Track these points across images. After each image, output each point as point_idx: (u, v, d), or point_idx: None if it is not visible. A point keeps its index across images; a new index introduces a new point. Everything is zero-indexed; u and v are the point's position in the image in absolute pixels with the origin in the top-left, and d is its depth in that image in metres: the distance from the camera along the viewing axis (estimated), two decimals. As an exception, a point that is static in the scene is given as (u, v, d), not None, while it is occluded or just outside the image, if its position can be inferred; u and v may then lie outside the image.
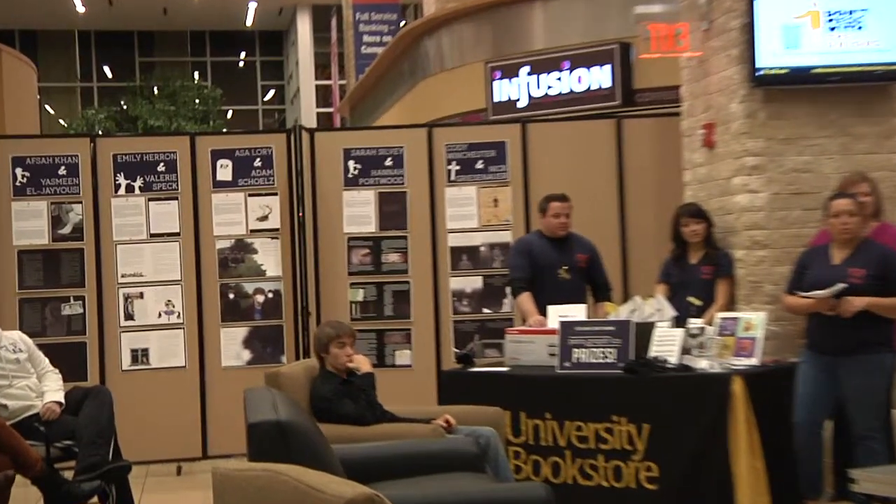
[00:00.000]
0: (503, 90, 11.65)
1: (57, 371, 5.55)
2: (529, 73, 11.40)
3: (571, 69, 11.00)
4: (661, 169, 6.83)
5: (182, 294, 6.71)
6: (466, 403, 4.83)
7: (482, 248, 6.93)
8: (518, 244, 6.28)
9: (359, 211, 6.93)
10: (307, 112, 30.81)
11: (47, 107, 30.25)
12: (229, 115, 32.47)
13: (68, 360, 6.11)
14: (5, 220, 6.56)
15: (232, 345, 6.75)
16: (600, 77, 10.79)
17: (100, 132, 24.57)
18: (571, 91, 11.01)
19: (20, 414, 5.29)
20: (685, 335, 4.90)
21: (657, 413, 4.73)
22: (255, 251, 6.80)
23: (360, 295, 6.91)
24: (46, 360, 5.60)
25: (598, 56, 10.81)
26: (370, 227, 6.94)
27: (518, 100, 11.52)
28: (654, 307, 5.21)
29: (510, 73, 11.58)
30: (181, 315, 6.70)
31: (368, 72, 18.67)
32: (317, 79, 31.57)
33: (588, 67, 10.88)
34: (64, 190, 6.66)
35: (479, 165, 6.96)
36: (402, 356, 6.88)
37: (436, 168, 6.95)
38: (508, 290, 6.46)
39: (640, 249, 6.80)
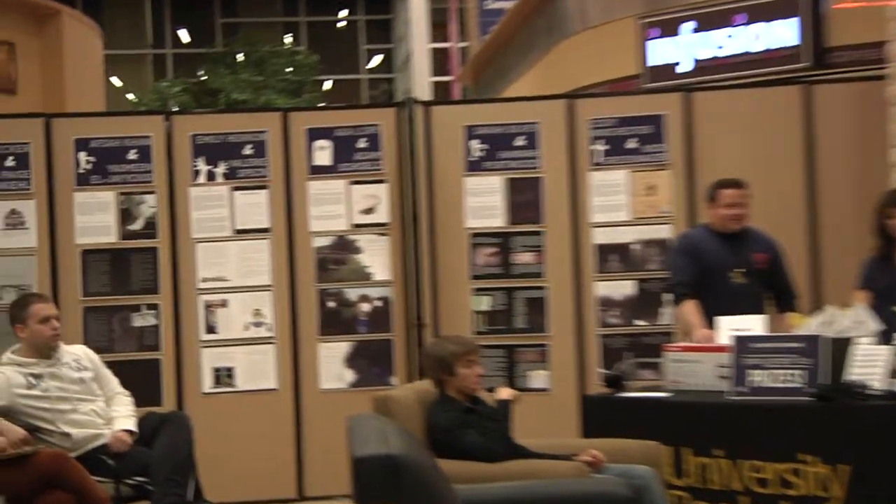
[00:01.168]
0: (661, 52, 11.54)
1: (128, 394, 5.73)
2: (694, 30, 11.27)
3: (747, 23, 10.82)
4: (860, 146, 6.67)
5: (273, 302, 6.85)
6: (616, 436, 4.81)
7: (634, 247, 6.89)
8: (681, 241, 6.22)
9: (484, 201, 6.96)
10: (420, 81, 31.07)
11: (113, 78, 31.20)
12: (327, 85, 32.95)
13: (140, 381, 6.30)
14: (66, 213, 6.80)
15: (332, 363, 6.86)
16: (784, 33, 10.59)
17: (175, 108, 25.21)
18: (747, 52, 10.83)
19: (85, 444, 5.48)
20: (893, 354, 4.79)
21: (858, 451, 4.63)
22: (360, 250, 6.90)
23: (485, 303, 6.94)
24: (116, 381, 5.78)
25: (780, 6, 10.61)
26: (497, 220, 6.97)
27: (679, 63, 11.39)
28: (852, 319, 5.10)
29: (669, 30, 11.47)
30: (272, 327, 6.84)
31: (495, 32, 18.72)
32: (432, 41, 31.79)
33: (768, 21, 10.69)
34: (134, 178, 6.86)
35: (631, 145, 6.92)
36: (537, 378, 6.89)
37: (577, 148, 6.93)
38: (668, 297, 6.40)
39: (834, 248, 6.65)
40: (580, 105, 7.04)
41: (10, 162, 6.74)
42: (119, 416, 5.61)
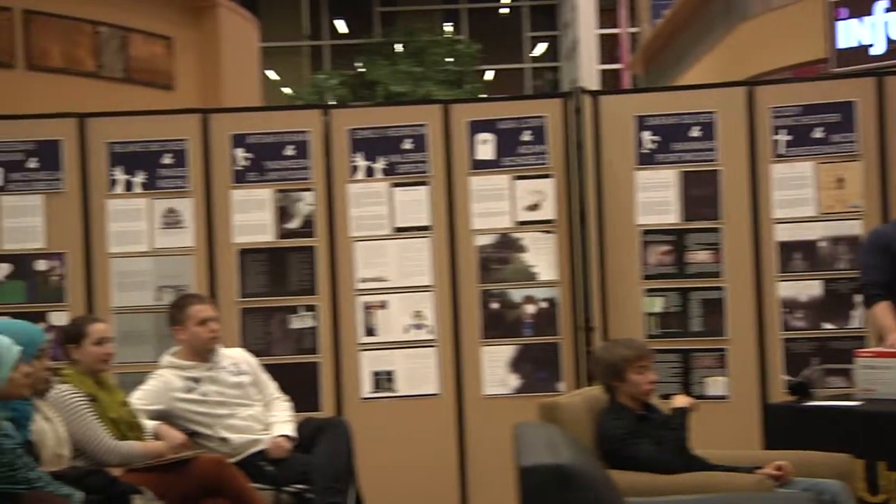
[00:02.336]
0: (851, 33, 11.26)
1: (286, 398, 5.86)
2: (888, 9, 10.96)
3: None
4: None
5: (434, 303, 6.91)
6: (802, 447, 4.73)
7: (822, 244, 6.74)
8: (873, 238, 6.06)
9: (656, 196, 6.90)
10: (588, 70, 30.94)
11: (269, 72, 31.86)
12: (488, 76, 33.07)
13: (298, 385, 6.43)
14: (223, 212, 6.96)
15: (495, 368, 6.89)
16: None
17: (332, 102, 25.58)
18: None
19: (243, 450, 5.62)
20: None
21: None
22: (525, 249, 6.91)
23: (657, 305, 6.88)
24: (274, 385, 5.92)
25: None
26: (671, 216, 6.89)
27: (872, 46, 11.09)
28: None
29: (861, 9, 11.18)
30: (433, 330, 6.90)
31: (668, 16, 18.54)
32: (600, 27, 31.62)
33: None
34: (292, 175, 7.00)
35: (818, 134, 6.77)
36: (715, 385, 6.79)
37: (758, 139, 6.81)
38: (859, 298, 6.24)
39: None
40: (761, 92, 6.91)
41: (167, 159, 6.95)
42: (278, 421, 5.73)
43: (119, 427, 5.30)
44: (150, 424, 5.48)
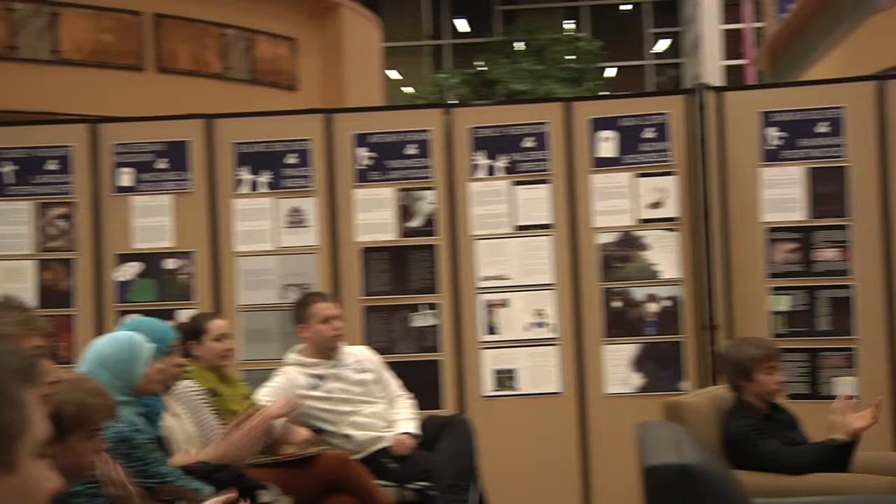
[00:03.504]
0: (984, 23, 10.94)
1: (409, 396, 5.89)
2: None
3: None
4: None
5: (555, 302, 6.89)
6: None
7: (955, 241, 6.56)
8: None
9: (782, 193, 6.79)
10: (711, 66, 30.59)
11: (391, 71, 32.09)
12: (609, 73, 32.88)
13: (420, 382, 6.47)
14: (346, 211, 7.04)
15: (618, 366, 6.85)
16: None
17: (453, 101, 25.66)
18: None
19: (367, 447, 5.67)
20: None
21: None
22: (647, 247, 6.86)
23: (783, 303, 6.77)
24: (397, 383, 5.96)
25: None
26: (797, 213, 6.78)
27: None
28: None
29: None
30: (555, 328, 6.89)
31: (794, 10, 18.23)
32: (724, 22, 31.23)
33: None
34: (414, 173, 7.04)
35: (951, 128, 6.59)
36: (844, 384, 6.66)
37: (889, 135, 6.66)
38: None
39: None
40: (892, 86, 6.76)
41: (291, 159, 7.04)
42: (401, 418, 5.77)
43: (241, 420, 5.38)
44: (277, 423, 5.55)
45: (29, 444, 1.50)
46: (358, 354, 6.01)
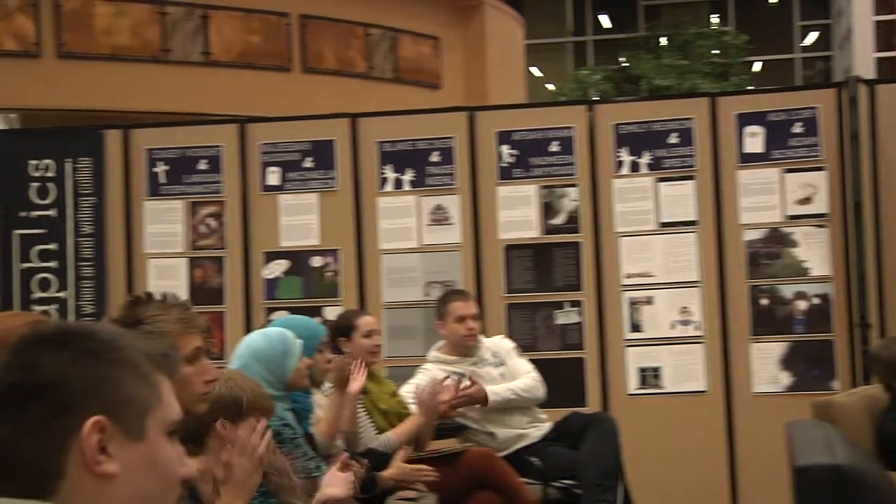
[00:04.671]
0: None
1: (535, 378, 5.84)
2: None
3: None
4: None
5: (701, 299, 6.81)
6: None
7: None
8: None
9: (937, 188, 6.60)
10: (863, 58, 29.85)
11: (533, 68, 32.02)
12: (756, 67, 32.35)
13: (564, 380, 6.46)
14: (489, 208, 7.04)
15: (766, 365, 6.73)
16: None
17: (596, 97, 25.54)
18: None
19: (510, 445, 5.67)
20: None
21: None
22: (796, 244, 6.73)
23: (939, 302, 6.58)
24: (529, 366, 5.92)
25: None
26: (954, 209, 6.58)
27: None
28: None
29: None
30: (700, 326, 6.80)
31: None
32: (877, 13, 30.46)
33: None
34: (557, 171, 7.01)
35: None
36: None
37: None
38: None
39: None
40: None
41: (435, 157, 7.08)
42: (509, 384, 5.74)
43: (389, 418, 5.43)
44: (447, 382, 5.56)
45: (160, 420, 1.58)
46: (494, 346, 6.01)
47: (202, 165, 7.20)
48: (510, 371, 5.91)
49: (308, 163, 7.15)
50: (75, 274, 7.15)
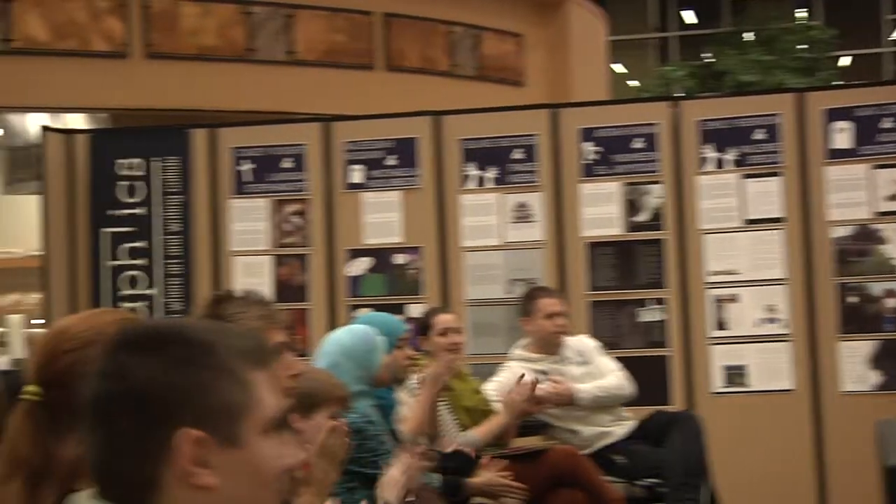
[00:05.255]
0: None
1: (622, 376, 5.81)
2: None
3: None
4: None
5: (787, 297, 6.72)
6: None
7: None
8: None
9: None
10: (953, 51, 29.28)
11: (616, 65, 31.83)
12: (843, 62, 31.87)
13: (648, 378, 6.40)
14: (572, 205, 7.00)
15: (854, 363, 6.63)
16: None
17: (680, 94, 25.33)
18: None
19: (594, 442, 5.65)
20: None
21: None
22: (885, 241, 6.63)
23: None
24: (615, 365, 5.89)
25: None
26: None
27: None
28: None
29: None
30: (786, 324, 6.72)
31: None
32: (966, 5, 29.87)
33: None
34: (640, 168, 6.97)
35: None
36: None
37: None
38: None
39: None
40: None
41: (517, 154, 7.06)
42: (597, 382, 5.71)
43: (472, 415, 5.44)
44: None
45: (256, 422, 1.55)
46: (578, 345, 5.99)
47: (286, 164, 7.25)
48: (596, 370, 5.89)
49: (391, 160, 7.17)
50: (163, 271, 7.25)
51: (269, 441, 1.56)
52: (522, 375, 5.45)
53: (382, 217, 7.15)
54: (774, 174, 6.79)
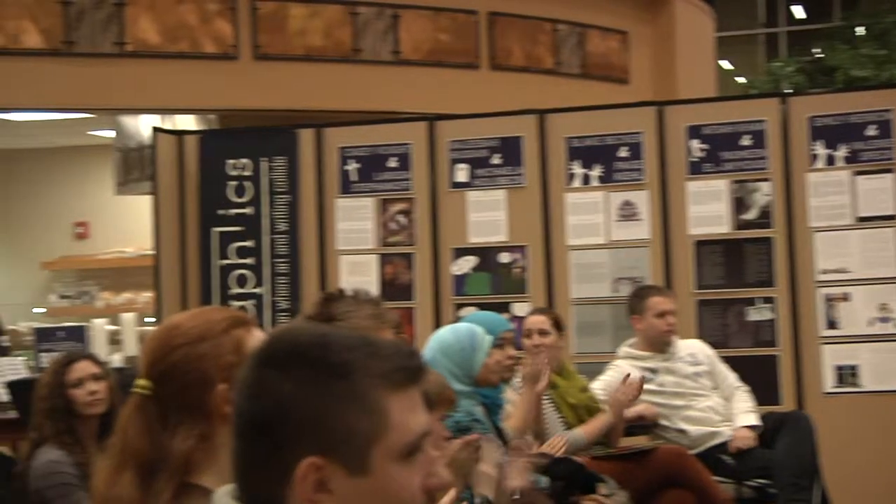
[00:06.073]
0: None
1: (746, 389, 5.76)
2: None
3: None
4: None
5: (901, 296, 6.59)
6: None
7: None
8: None
9: None
10: None
11: (723, 61, 31.46)
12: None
13: (756, 378, 6.31)
14: (678, 204, 6.94)
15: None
16: None
17: (789, 90, 24.97)
18: None
19: (702, 442, 5.59)
20: None
21: None
22: None
23: None
24: (733, 376, 5.84)
25: None
26: None
27: None
28: None
29: None
30: (900, 323, 6.58)
31: None
32: None
33: None
34: (748, 165, 6.87)
35: None
36: None
37: None
38: None
39: None
40: None
41: (623, 152, 7.02)
42: (740, 411, 5.66)
43: (578, 412, 5.41)
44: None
45: (388, 449, 1.51)
46: (692, 348, 5.94)
47: (392, 163, 7.29)
48: (714, 376, 5.83)
49: (496, 159, 7.17)
50: (271, 270, 7.33)
51: (403, 467, 1.53)
52: (628, 375, 5.41)
53: (487, 216, 7.15)
54: (888, 171, 6.65)
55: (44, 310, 12.91)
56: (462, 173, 7.20)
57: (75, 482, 4.30)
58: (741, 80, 31.31)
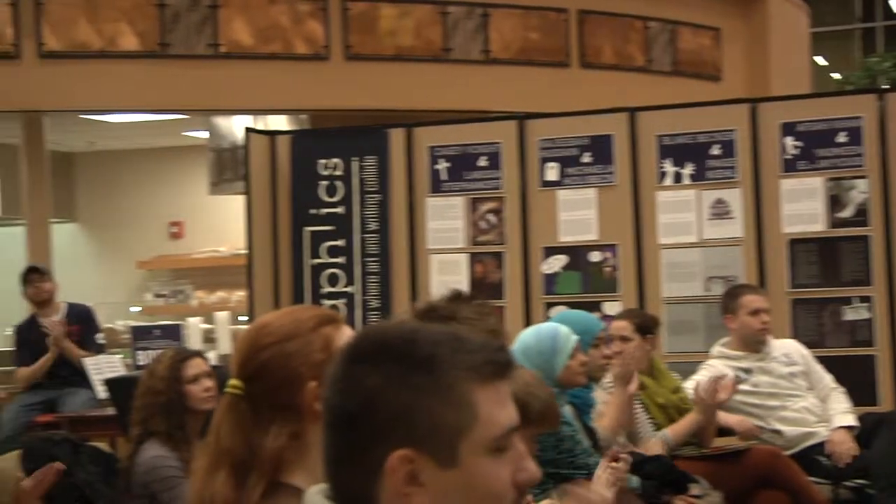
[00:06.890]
0: None
1: (843, 390, 5.67)
2: None
3: None
4: None
5: None
6: None
7: None
8: None
9: None
10: None
11: (818, 57, 31.00)
12: None
13: (853, 378, 6.21)
14: (772, 201, 6.84)
15: None
16: None
17: (886, 86, 24.57)
18: None
19: (798, 443, 5.51)
20: None
21: None
22: None
23: None
24: (829, 377, 5.75)
25: None
26: None
27: None
28: None
29: None
30: None
31: None
32: None
33: None
34: (844, 162, 6.76)
35: None
36: None
37: None
38: None
39: None
40: None
41: (715, 150, 6.94)
42: (836, 412, 5.58)
43: (668, 412, 5.37)
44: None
45: (478, 441, 1.52)
46: (786, 348, 5.86)
47: (482, 162, 7.28)
48: (809, 377, 5.75)
49: (586, 158, 7.13)
50: (362, 269, 7.36)
51: (492, 460, 1.53)
52: (724, 376, 5.35)
53: (578, 214, 7.11)
54: None
55: (139, 308, 13.13)
56: (552, 172, 7.18)
57: (180, 475, 4.33)
58: (836, 76, 30.82)
